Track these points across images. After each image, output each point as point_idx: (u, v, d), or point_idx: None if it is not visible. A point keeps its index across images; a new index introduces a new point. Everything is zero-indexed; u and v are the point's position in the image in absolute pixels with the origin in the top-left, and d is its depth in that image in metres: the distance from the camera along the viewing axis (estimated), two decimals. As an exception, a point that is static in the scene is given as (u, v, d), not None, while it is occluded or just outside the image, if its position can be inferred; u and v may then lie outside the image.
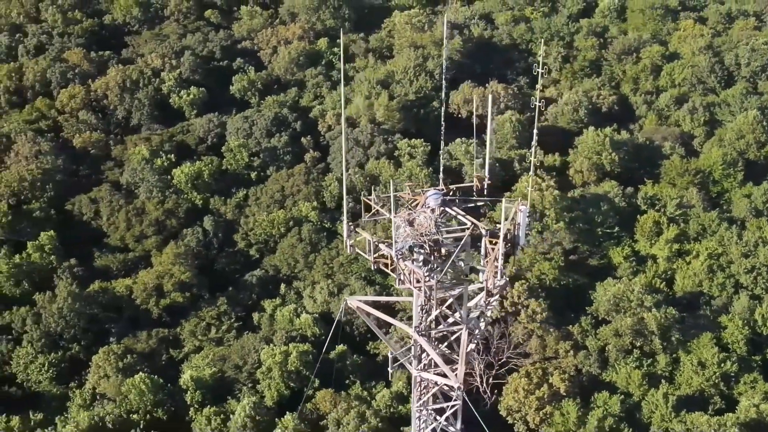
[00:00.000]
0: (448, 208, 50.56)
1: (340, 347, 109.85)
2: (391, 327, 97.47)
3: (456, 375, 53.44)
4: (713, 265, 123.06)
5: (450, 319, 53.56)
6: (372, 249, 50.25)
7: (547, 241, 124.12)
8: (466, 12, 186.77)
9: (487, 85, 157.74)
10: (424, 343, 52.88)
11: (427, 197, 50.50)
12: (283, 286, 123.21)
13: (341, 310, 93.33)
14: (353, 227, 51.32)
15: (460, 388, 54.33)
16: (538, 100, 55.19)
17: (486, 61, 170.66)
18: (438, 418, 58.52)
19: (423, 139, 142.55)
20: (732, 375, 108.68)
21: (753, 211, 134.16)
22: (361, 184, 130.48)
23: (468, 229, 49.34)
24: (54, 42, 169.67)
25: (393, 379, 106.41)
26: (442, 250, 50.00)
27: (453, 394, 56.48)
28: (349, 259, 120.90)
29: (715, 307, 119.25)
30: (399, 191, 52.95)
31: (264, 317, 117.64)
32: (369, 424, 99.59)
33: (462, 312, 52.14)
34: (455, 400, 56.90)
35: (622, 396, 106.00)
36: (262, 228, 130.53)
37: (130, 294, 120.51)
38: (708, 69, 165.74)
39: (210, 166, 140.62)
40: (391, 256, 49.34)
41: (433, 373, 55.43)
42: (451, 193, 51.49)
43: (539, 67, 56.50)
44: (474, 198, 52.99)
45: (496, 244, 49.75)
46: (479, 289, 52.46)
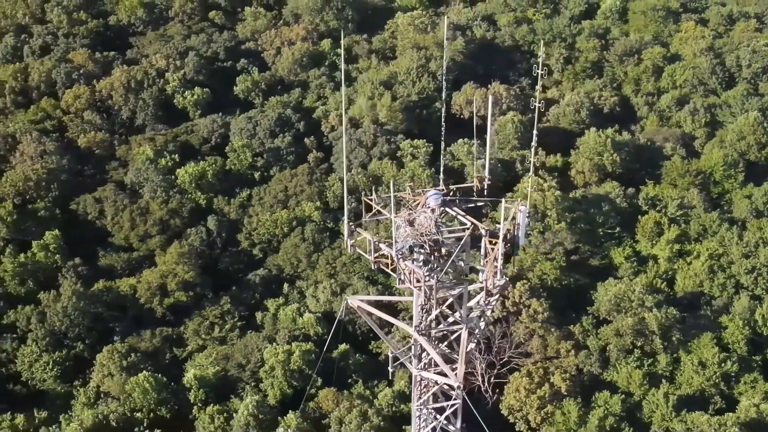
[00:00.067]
0: (448, 209, 50.66)
1: (343, 346, 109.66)
2: (393, 326, 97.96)
3: (456, 374, 53.52)
4: (714, 266, 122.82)
5: (450, 319, 53.58)
6: (372, 249, 50.40)
7: (548, 241, 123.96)
8: (468, 13, 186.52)
9: (489, 86, 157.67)
10: (424, 343, 53.01)
11: (427, 197, 50.66)
12: (286, 285, 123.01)
13: (342, 309, 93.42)
14: (354, 227, 51.38)
15: (459, 387, 54.42)
16: (537, 101, 55.22)
17: (488, 62, 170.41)
18: (438, 416, 58.63)
19: (425, 140, 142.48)
20: (732, 375, 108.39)
21: (753, 212, 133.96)
22: (364, 184, 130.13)
23: (468, 229, 49.51)
24: (59, 42, 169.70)
25: (395, 378, 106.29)
26: (442, 250, 50.07)
27: (453, 393, 56.63)
28: (352, 258, 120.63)
29: (715, 308, 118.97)
30: (401, 191, 53.27)
31: (267, 316, 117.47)
32: (371, 422, 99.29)
33: (462, 312, 52.23)
34: (455, 399, 57.08)
35: (623, 395, 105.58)
36: (265, 228, 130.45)
37: (134, 293, 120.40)
38: (709, 70, 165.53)
39: (214, 166, 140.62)
40: (391, 255, 49.52)
41: (433, 372, 55.56)
42: (451, 194, 51.67)
43: (539, 68, 56.99)
44: (474, 198, 53.11)
45: (495, 244, 49.96)
46: (479, 288, 52.57)
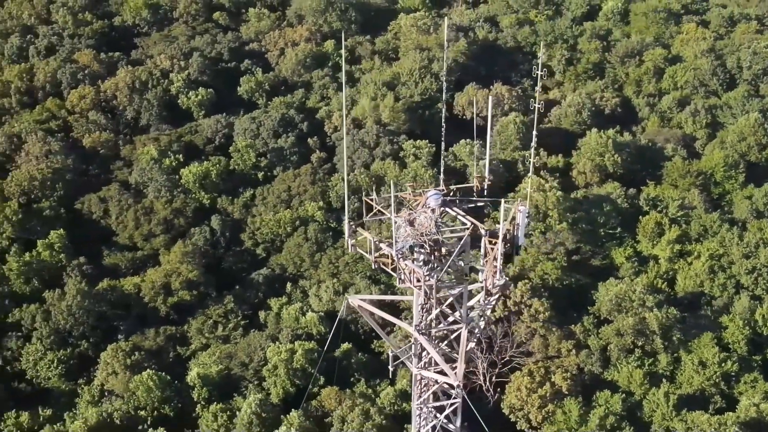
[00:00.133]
0: (448, 209, 50.92)
1: (346, 345, 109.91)
2: (394, 325, 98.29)
3: (455, 373, 53.66)
4: (714, 266, 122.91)
5: (450, 318, 53.74)
6: (373, 248, 50.62)
7: (550, 241, 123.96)
8: (471, 15, 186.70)
9: (491, 87, 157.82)
10: (425, 342, 53.19)
11: (427, 198, 50.92)
12: (289, 284, 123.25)
13: (342, 308, 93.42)
14: (354, 227, 51.61)
15: (459, 386, 54.54)
16: (537, 102, 55.48)
17: (490, 63, 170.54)
18: (438, 415, 58.72)
19: (428, 140, 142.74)
20: (732, 374, 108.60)
21: (754, 213, 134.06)
22: (367, 184, 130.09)
23: (468, 229, 49.74)
24: (64, 43, 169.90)
25: (397, 377, 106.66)
26: (442, 250, 50.25)
27: (453, 392, 56.81)
28: (355, 258, 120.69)
29: (716, 308, 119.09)
30: (403, 191, 53.58)
31: (270, 315, 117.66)
32: (373, 421, 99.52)
33: (462, 311, 52.42)
34: (455, 397, 57.26)
35: (624, 395, 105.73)
36: (268, 227, 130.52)
37: (138, 292, 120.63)
38: (710, 72, 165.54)
39: (218, 166, 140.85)
40: (391, 255, 49.73)
41: (433, 371, 55.67)
42: (451, 194, 51.89)
43: (539, 69, 57.43)
44: (474, 198, 53.21)
45: (495, 244, 50.35)
46: (480, 288, 52.81)
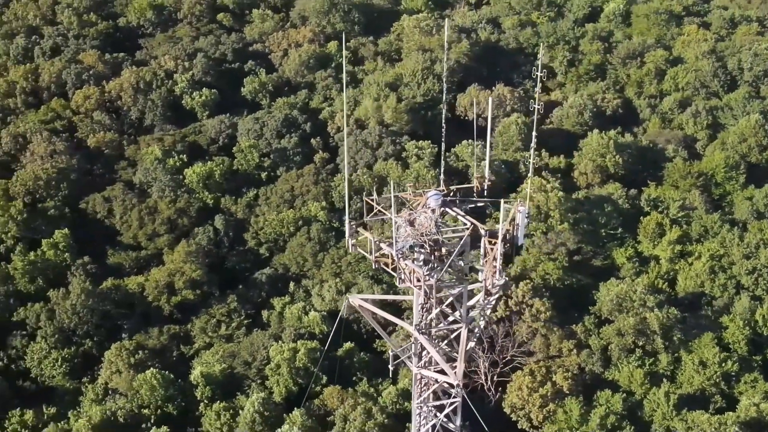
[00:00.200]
0: (448, 209, 51.03)
1: (348, 344, 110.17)
2: (396, 325, 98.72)
3: (455, 373, 53.73)
4: (715, 267, 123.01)
5: (450, 318, 53.84)
6: (373, 248, 50.75)
7: (551, 241, 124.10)
8: (473, 16, 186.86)
9: (493, 88, 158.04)
10: (425, 341, 53.26)
11: (427, 198, 51.02)
12: (292, 284, 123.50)
13: (343, 308, 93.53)
14: (355, 227, 51.83)
15: (459, 386, 54.62)
16: (537, 103, 55.42)
17: (493, 64, 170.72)
18: (438, 414, 58.66)
19: (430, 141, 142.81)
20: (733, 374, 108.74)
21: (754, 214, 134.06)
22: (369, 184, 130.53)
23: (468, 229, 49.88)
24: (69, 44, 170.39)
25: (399, 376, 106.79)
26: (442, 250, 50.29)
27: (453, 391, 56.83)
28: (357, 258, 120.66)
29: (716, 308, 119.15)
30: (404, 192, 53.92)
31: (273, 315, 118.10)
32: (375, 420, 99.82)
33: (462, 311, 52.55)
34: (455, 397, 57.27)
35: (624, 394, 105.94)
36: (271, 227, 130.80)
37: (142, 291, 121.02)
38: (711, 73, 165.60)
39: (221, 166, 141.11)
40: (391, 255, 49.85)
41: (433, 371, 55.67)
42: (451, 194, 52.08)
43: (538, 71, 57.75)
44: (474, 199, 53.22)
45: (495, 244, 50.72)
46: (480, 288, 52.90)
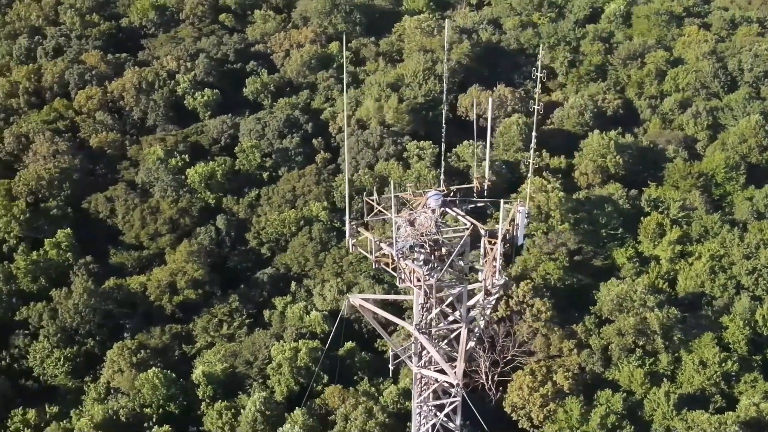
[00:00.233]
0: (448, 209, 51.34)
1: (349, 344, 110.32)
2: (396, 324, 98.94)
3: (455, 372, 54.00)
4: (715, 267, 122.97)
5: (450, 318, 54.13)
6: (373, 248, 51.02)
7: (552, 241, 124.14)
8: (474, 17, 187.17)
9: (494, 88, 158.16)
10: (425, 341, 53.51)
11: (427, 198, 51.39)
12: (293, 284, 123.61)
13: (344, 307, 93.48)
14: (356, 227, 52.08)
15: (458, 385, 54.86)
16: (537, 104, 55.60)
17: (494, 65, 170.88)
18: (438, 413, 58.95)
19: (431, 141, 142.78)
20: (733, 374, 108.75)
21: (755, 214, 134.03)
22: (370, 184, 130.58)
23: (468, 229, 50.20)
24: (72, 44, 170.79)
25: (400, 375, 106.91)
26: (442, 250, 50.61)
27: (453, 391, 57.10)
28: (359, 258, 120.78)
29: (716, 308, 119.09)
30: (404, 192, 54.26)
31: (275, 314, 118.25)
32: (376, 419, 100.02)
33: (462, 310, 52.84)
34: (455, 396, 57.57)
35: (625, 394, 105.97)
36: (273, 227, 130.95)
37: (144, 291, 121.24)
38: (711, 74, 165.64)
39: (223, 166, 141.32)
40: (392, 255, 50.14)
41: (433, 370, 55.93)
42: (451, 194, 52.41)
43: (538, 71, 58.01)
44: (474, 199, 53.54)
45: (495, 244, 51.05)
46: (480, 288, 53.16)
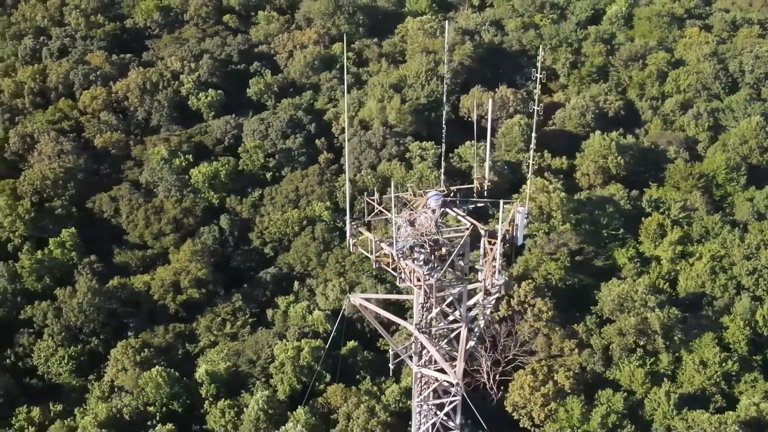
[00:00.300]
0: (448, 209, 51.62)
1: (351, 343, 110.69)
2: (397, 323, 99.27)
3: (455, 372, 54.15)
4: (716, 267, 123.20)
5: (450, 317, 54.38)
6: (374, 248, 51.28)
7: (553, 241, 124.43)
8: (477, 18, 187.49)
9: (496, 89, 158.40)
10: (425, 340, 53.68)
11: (428, 198, 51.65)
12: (296, 283, 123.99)
13: (344, 307, 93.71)
14: (356, 227, 52.38)
15: (458, 384, 55.01)
16: (537, 105, 55.83)
17: (496, 66, 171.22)
18: (438, 413, 58.98)
19: (434, 142, 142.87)
20: (733, 374, 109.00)
21: (755, 215, 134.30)
22: (373, 185, 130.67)
23: (468, 229, 50.44)
24: (77, 45, 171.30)
25: (402, 374, 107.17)
26: (442, 250, 50.80)
27: (453, 390, 57.20)
28: (361, 257, 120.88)
29: (717, 308, 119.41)
30: (404, 192, 54.68)
31: (277, 313, 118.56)
32: (378, 418, 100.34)
33: (461, 310, 53.02)
34: (455, 395, 57.63)
35: (626, 393, 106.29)
36: (276, 227, 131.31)
37: (148, 290, 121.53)
38: (712, 75, 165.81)
39: (227, 166, 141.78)
40: (392, 255, 50.40)
41: (433, 370, 56.04)
42: (451, 195, 52.71)
43: (537, 72, 58.49)
44: (474, 199, 53.94)
45: (494, 244, 51.30)
46: (480, 287, 53.33)
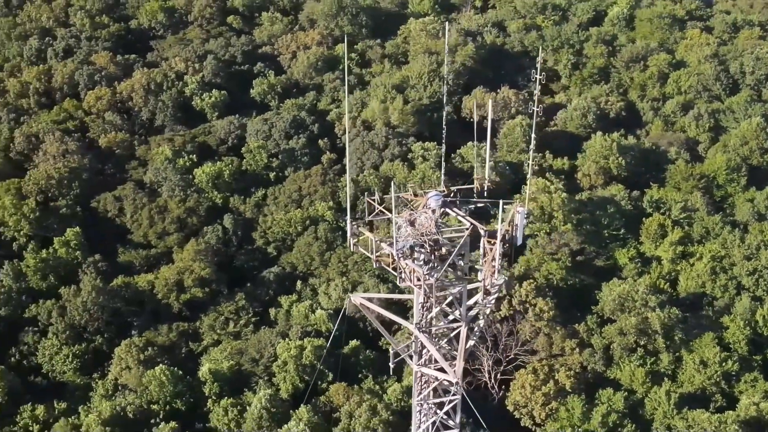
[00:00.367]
0: (448, 209, 51.60)
1: (354, 342, 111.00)
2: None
3: (454, 371, 54.17)
4: (716, 267, 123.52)
5: (450, 317, 54.36)
6: (374, 248, 51.27)
7: (555, 242, 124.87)
8: (479, 20, 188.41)
9: (498, 90, 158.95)
10: (425, 340, 53.67)
11: (428, 198, 51.54)
12: (299, 282, 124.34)
13: (345, 306, 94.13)
14: (357, 226, 52.42)
15: (458, 384, 55.12)
16: (536, 105, 55.98)
17: (498, 67, 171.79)
18: (438, 411, 58.78)
19: (436, 142, 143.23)
20: (733, 374, 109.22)
21: (755, 215, 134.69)
22: (375, 185, 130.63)
23: (467, 229, 50.47)
24: (82, 45, 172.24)
25: (404, 373, 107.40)
26: (442, 250, 50.79)
27: (453, 389, 57.25)
28: (363, 257, 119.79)
29: (717, 308, 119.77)
30: (405, 192, 55.42)
31: (280, 313, 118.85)
32: (380, 416, 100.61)
33: (461, 310, 53.04)
34: (454, 394, 57.59)
35: (626, 393, 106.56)
36: (279, 226, 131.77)
37: (151, 289, 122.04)
38: (713, 77, 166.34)
39: (230, 166, 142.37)
40: (392, 254, 50.37)
41: (433, 369, 55.93)
42: (451, 195, 52.80)
43: (537, 73, 59.02)
44: (474, 199, 53.87)
45: (494, 244, 51.49)
46: (480, 287, 53.37)
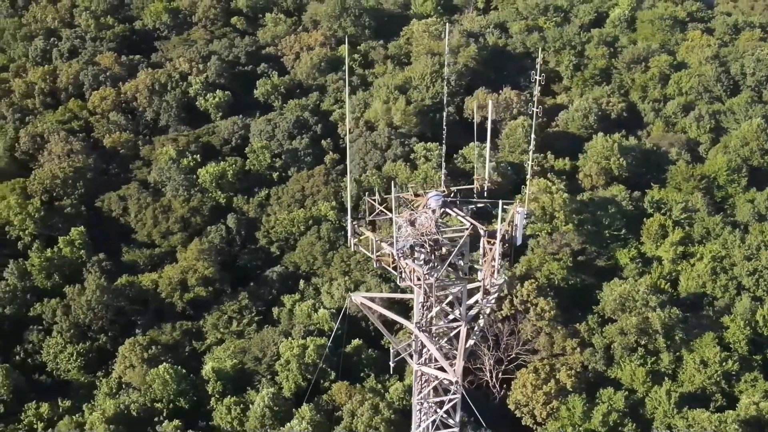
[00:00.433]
0: (448, 209, 51.91)
1: (356, 341, 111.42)
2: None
3: (454, 370, 54.55)
4: (716, 268, 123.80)
5: (450, 316, 54.72)
6: (374, 247, 51.81)
7: (556, 242, 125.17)
8: (481, 21, 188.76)
9: (500, 91, 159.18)
10: (425, 339, 54.03)
11: (428, 198, 51.89)
12: (302, 282, 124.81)
13: (345, 306, 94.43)
14: (357, 226, 53.14)
15: (458, 383, 55.50)
16: (536, 106, 56.20)
17: (500, 68, 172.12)
18: (438, 410, 59.22)
19: (438, 143, 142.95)
20: (733, 373, 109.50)
21: (756, 216, 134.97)
22: (378, 185, 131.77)
23: (467, 229, 50.78)
24: (87, 46, 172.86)
25: (406, 372, 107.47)
26: (442, 250, 51.13)
27: (452, 388, 57.71)
28: (366, 257, 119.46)
29: (717, 308, 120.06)
30: (405, 192, 55.95)
31: (283, 312, 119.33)
32: (382, 415, 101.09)
33: (461, 309, 53.39)
34: (454, 393, 58.03)
35: (627, 392, 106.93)
36: (282, 226, 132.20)
37: (155, 288, 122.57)
38: (714, 78, 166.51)
39: (234, 166, 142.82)
40: (392, 254, 50.85)
41: (433, 368, 56.31)
42: (451, 195, 53.11)
43: (537, 74, 59.57)
44: (474, 199, 54.04)
45: (494, 244, 51.82)
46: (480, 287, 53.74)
